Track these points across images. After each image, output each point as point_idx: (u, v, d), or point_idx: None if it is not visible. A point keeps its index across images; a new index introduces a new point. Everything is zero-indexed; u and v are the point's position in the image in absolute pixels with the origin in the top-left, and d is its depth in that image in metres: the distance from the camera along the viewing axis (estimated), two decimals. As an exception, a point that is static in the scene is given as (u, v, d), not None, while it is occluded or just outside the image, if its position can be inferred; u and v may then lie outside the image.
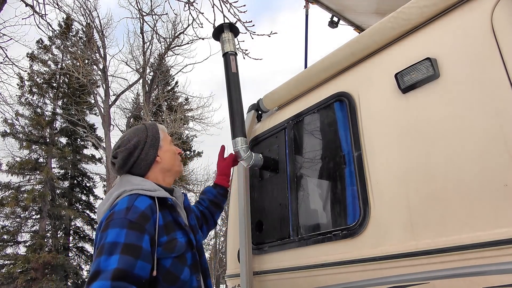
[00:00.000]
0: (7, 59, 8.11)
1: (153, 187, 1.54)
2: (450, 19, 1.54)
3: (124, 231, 1.33)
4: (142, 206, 1.42)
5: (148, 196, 1.49)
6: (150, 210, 1.43)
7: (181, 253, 1.47)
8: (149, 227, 1.39)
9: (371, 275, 1.55)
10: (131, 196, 1.46)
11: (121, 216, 1.37)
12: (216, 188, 2.06)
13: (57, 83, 21.42)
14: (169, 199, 1.54)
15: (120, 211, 1.40)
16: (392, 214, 1.54)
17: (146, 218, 1.40)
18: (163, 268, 1.41)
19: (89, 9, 16.99)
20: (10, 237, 19.04)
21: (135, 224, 1.36)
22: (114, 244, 1.30)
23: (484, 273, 1.23)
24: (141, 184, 1.53)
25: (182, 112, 18.18)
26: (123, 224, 1.35)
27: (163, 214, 1.49)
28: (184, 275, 1.46)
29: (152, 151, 1.63)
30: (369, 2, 3.43)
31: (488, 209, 1.26)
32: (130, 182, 1.54)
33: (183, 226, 1.53)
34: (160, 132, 1.71)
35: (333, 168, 1.86)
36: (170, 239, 1.45)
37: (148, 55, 18.22)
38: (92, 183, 22.84)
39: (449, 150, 1.40)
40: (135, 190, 1.49)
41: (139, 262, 1.31)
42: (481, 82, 1.35)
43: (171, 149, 1.71)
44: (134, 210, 1.40)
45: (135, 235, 1.34)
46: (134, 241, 1.33)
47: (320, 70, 2.08)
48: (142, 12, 10.60)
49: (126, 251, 1.29)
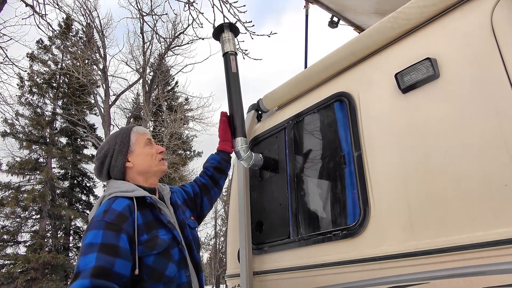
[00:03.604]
0: (7, 59, 8.12)
1: (131, 188, 1.58)
2: (450, 19, 1.54)
3: (100, 232, 1.38)
4: (119, 208, 1.47)
5: (126, 197, 1.53)
6: (128, 210, 1.48)
7: (164, 249, 1.49)
8: (127, 226, 1.43)
9: (371, 275, 1.55)
10: (109, 200, 1.52)
11: (98, 219, 1.43)
12: (220, 154, 2.09)
13: (57, 83, 21.41)
14: (147, 198, 1.56)
15: (98, 215, 1.46)
16: (392, 214, 1.54)
17: (124, 218, 1.44)
18: (146, 266, 1.44)
19: (89, 9, 17.01)
20: (10, 237, 19.02)
21: (111, 224, 1.40)
22: (90, 245, 1.35)
23: (484, 273, 1.23)
24: (120, 186, 1.59)
25: (182, 112, 18.18)
26: (100, 225, 1.40)
27: (143, 213, 1.53)
28: (169, 271, 1.48)
29: (121, 158, 1.66)
30: (369, 2, 3.43)
31: (488, 209, 1.26)
32: (112, 187, 1.61)
33: (166, 224, 1.56)
34: (132, 136, 1.70)
35: (333, 168, 1.86)
36: (151, 237, 1.48)
37: (148, 55, 18.24)
38: (92, 183, 22.84)
39: (449, 150, 1.40)
40: (113, 193, 1.55)
41: (117, 260, 1.34)
42: (481, 82, 1.35)
43: (144, 151, 1.69)
44: (111, 212, 1.45)
45: (112, 235, 1.38)
46: (111, 241, 1.37)
47: (320, 70, 2.08)
48: (142, 12, 10.61)
49: (103, 250, 1.33)
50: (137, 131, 1.73)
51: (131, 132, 1.71)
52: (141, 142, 1.70)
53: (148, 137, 1.73)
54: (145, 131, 1.76)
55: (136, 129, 1.74)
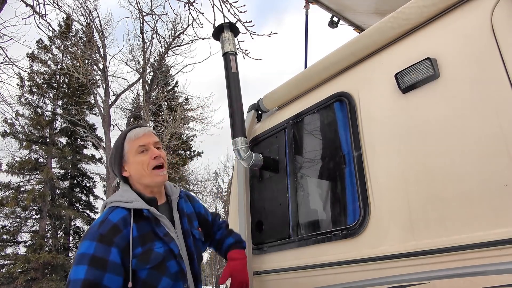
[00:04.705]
0: (7, 59, 8.12)
1: (130, 198, 1.55)
2: (450, 19, 1.54)
3: (93, 244, 1.40)
4: (114, 219, 1.48)
5: (124, 208, 1.53)
6: (123, 223, 1.47)
7: (158, 263, 1.48)
8: (119, 239, 1.43)
9: (371, 275, 1.55)
10: (109, 209, 1.53)
11: (94, 229, 1.45)
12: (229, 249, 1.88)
13: (57, 83, 21.41)
14: (144, 211, 1.53)
15: (95, 225, 1.48)
16: (392, 214, 1.54)
17: (117, 231, 1.45)
18: (139, 279, 1.45)
19: (89, 9, 17.02)
20: (10, 237, 19.02)
21: (104, 237, 1.42)
22: (83, 256, 1.38)
23: (484, 273, 1.23)
24: (122, 195, 1.58)
25: (182, 112, 18.18)
26: (94, 237, 1.42)
27: (139, 225, 1.51)
28: (163, 285, 1.47)
29: (117, 168, 1.65)
30: (369, 2, 3.43)
31: (488, 209, 1.26)
32: (116, 194, 1.62)
33: (162, 237, 1.52)
34: (125, 145, 1.62)
35: (333, 168, 1.86)
36: (146, 250, 1.47)
37: (148, 55, 18.25)
38: (92, 183, 22.86)
39: (449, 150, 1.40)
40: (114, 202, 1.55)
41: (107, 275, 1.36)
42: (481, 82, 1.35)
43: (135, 160, 1.59)
44: (107, 223, 1.46)
45: (103, 248, 1.39)
46: (102, 255, 1.38)
47: (320, 70, 2.08)
48: (142, 12, 10.60)
49: (93, 263, 1.36)
50: (129, 138, 1.62)
51: (124, 141, 1.63)
52: (133, 150, 1.60)
53: (140, 144, 1.60)
54: (137, 136, 1.62)
55: (129, 136, 1.63)
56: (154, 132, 1.71)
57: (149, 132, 1.67)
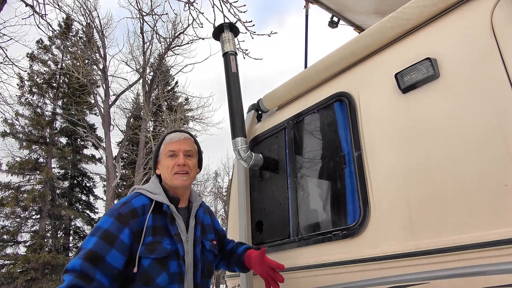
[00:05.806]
0: (7, 59, 8.13)
1: (156, 190, 1.65)
2: (450, 19, 1.54)
3: (111, 220, 1.50)
4: (136, 204, 1.57)
5: (148, 197, 1.62)
6: (142, 210, 1.56)
7: (162, 257, 1.52)
8: (134, 223, 1.51)
9: (371, 275, 1.55)
10: (134, 194, 1.64)
11: (115, 208, 1.56)
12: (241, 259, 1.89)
13: (57, 83, 21.41)
14: (164, 205, 1.61)
15: (118, 204, 1.59)
16: (392, 214, 1.54)
17: (135, 215, 1.53)
18: (141, 268, 1.49)
19: (89, 9, 17.03)
20: (10, 237, 19.02)
21: (121, 216, 1.51)
22: (98, 229, 1.49)
23: (484, 273, 1.23)
24: (149, 185, 1.69)
25: (182, 112, 18.18)
26: (113, 214, 1.52)
27: (156, 216, 1.58)
28: (160, 280, 1.49)
29: (153, 165, 1.82)
30: (369, 2, 3.43)
31: (488, 209, 1.26)
32: (146, 184, 1.73)
33: (172, 235, 1.57)
34: (162, 146, 1.75)
35: (333, 168, 1.86)
36: (155, 241, 1.53)
37: (148, 55, 18.25)
38: (92, 183, 22.87)
39: (449, 150, 1.40)
40: (141, 189, 1.66)
41: (113, 251, 1.44)
42: (481, 82, 1.35)
43: (163, 163, 1.71)
44: (128, 205, 1.56)
45: (117, 226, 1.48)
46: (114, 231, 1.47)
47: (320, 70, 2.08)
48: (142, 12, 10.59)
49: (104, 237, 1.45)
50: (165, 141, 1.75)
51: (163, 142, 1.76)
52: (164, 153, 1.73)
53: (171, 149, 1.70)
54: (172, 141, 1.72)
55: (166, 139, 1.75)
56: (191, 139, 1.79)
57: (185, 139, 1.75)
